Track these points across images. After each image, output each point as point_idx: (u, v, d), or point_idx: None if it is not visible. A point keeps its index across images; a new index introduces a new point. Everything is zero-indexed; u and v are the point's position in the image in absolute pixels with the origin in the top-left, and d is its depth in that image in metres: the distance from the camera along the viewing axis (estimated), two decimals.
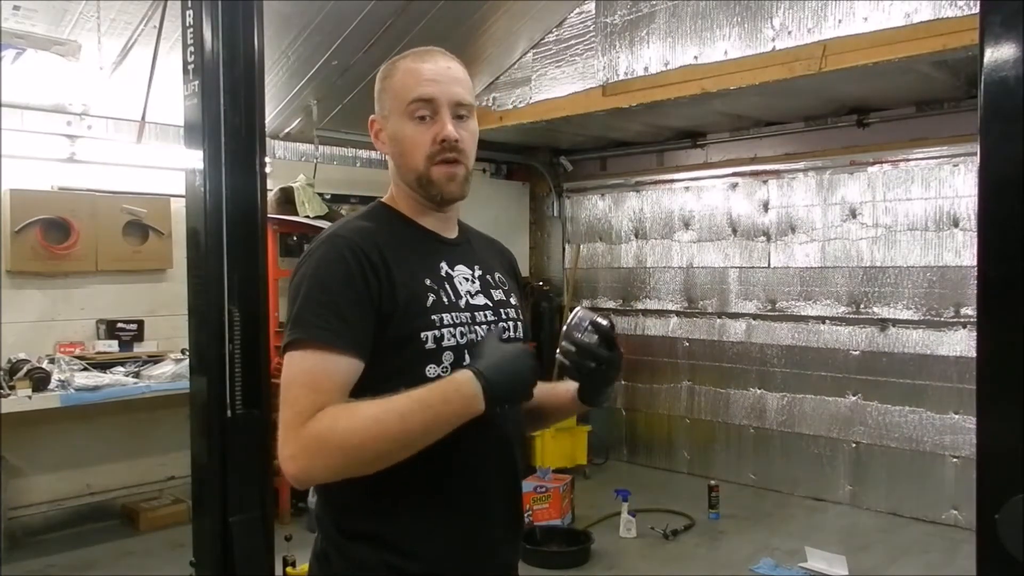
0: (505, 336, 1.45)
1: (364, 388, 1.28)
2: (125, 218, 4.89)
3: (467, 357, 1.36)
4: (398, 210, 1.45)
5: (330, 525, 1.38)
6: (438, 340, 1.34)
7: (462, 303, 1.40)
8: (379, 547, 1.33)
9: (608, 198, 6.68)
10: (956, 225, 4.87)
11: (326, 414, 1.23)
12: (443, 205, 1.44)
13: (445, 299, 1.37)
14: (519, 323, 1.51)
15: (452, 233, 1.48)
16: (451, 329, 1.36)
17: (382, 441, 1.23)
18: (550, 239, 7.13)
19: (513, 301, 1.51)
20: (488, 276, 1.49)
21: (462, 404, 1.25)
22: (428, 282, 1.37)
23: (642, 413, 6.41)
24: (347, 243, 1.32)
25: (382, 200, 1.50)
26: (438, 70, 1.39)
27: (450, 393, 1.25)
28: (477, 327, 1.40)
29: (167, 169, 4.64)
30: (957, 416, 4.84)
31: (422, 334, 1.33)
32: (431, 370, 1.33)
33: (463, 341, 1.37)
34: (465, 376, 1.26)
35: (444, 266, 1.42)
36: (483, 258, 1.52)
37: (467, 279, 1.44)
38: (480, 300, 1.43)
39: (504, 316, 1.47)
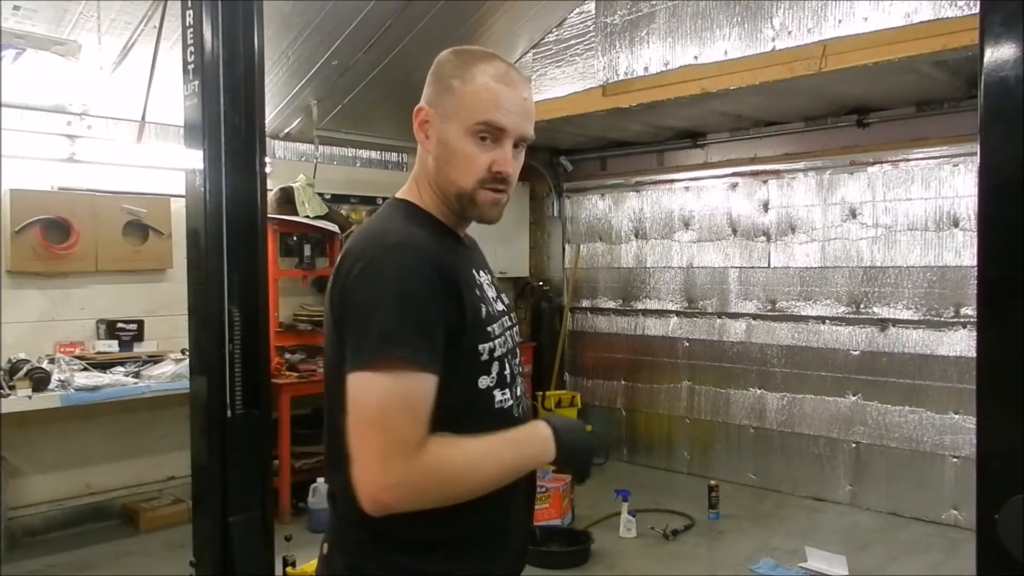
0: (518, 340, 1.49)
1: None
2: (125, 218, 4.89)
3: (506, 366, 1.38)
4: (429, 212, 1.39)
5: (362, 535, 1.32)
6: (491, 352, 1.34)
7: (494, 311, 1.39)
8: (425, 554, 1.31)
9: (608, 198, 6.68)
10: (956, 225, 4.86)
11: (437, 448, 1.21)
12: (468, 224, 1.44)
13: (489, 309, 1.36)
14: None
15: (461, 234, 1.46)
16: (498, 340, 1.36)
17: (483, 480, 1.27)
18: (550, 239, 7.13)
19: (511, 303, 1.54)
20: (493, 279, 1.48)
21: (541, 446, 1.33)
22: (478, 293, 1.35)
23: (642, 413, 6.41)
24: (424, 256, 1.26)
25: (404, 199, 1.42)
26: (517, 101, 1.34)
27: (533, 436, 1.34)
28: (506, 334, 1.40)
29: (167, 169, 4.64)
30: (957, 416, 4.84)
31: (480, 346, 1.32)
32: (483, 381, 1.33)
33: (504, 350, 1.37)
34: (539, 423, 1.36)
35: (475, 273, 1.39)
36: (483, 261, 1.52)
37: (487, 285, 1.42)
38: (499, 306, 1.43)
39: (514, 321, 1.48)
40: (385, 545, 1.31)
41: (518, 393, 1.42)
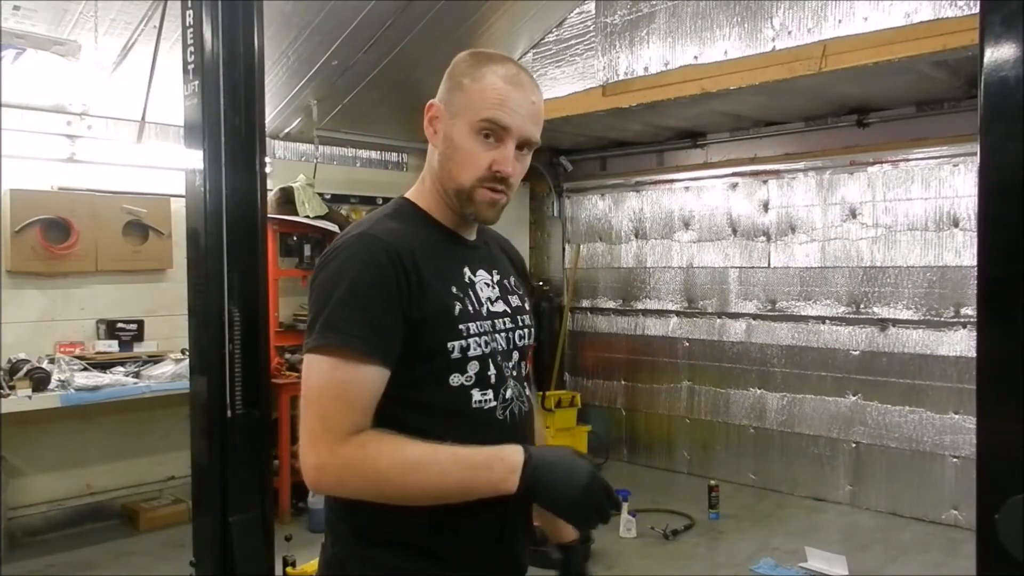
0: (522, 343, 1.46)
1: (388, 395, 1.27)
2: (125, 218, 4.89)
3: (491, 366, 1.36)
4: (424, 209, 1.41)
5: (345, 530, 1.35)
6: (464, 350, 1.33)
7: (484, 311, 1.39)
8: (405, 552, 1.31)
9: (608, 198, 6.67)
10: (956, 225, 4.86)
11: (370, 442, 1.23)
12: (473, 223, 1.44)
13: (470, 307, 1.36)
14: (531, 329, 1.50)
15: (472, 235, 1.46)
16: (476, 339, 1.35)
17: (417, 488, 1.23)
18: (550, 239, 7.13)
19: (527, 306, 1.51)
20: (505, 281, 1.48)
21: (501, 474, 1.22)
22: (455, 290, 1.35)
23: (642, 413, 6.41)
24: (383, 246, 1.28)
25: (406, 196, 1.45)
26: (524, 103, 1.34)
27: (494, 460, 1.23)
28: (497, 335, 1.40)
29: (167, 169, 4.64)
30: (957, 416, 4.84)
31: (449, 344, 1.31)
32: (455, 379, 1.33)
33: (487, 350, 1.36)
34: (514, 449, 1.24)
35: (467, 272, 1.40)
36: (500, 261, 1.51)
37: (487, 285, 1.42)
38: (499, 307, 1.42)
39: (520, 323, 1.47)
40: (367, 541, 1.33)
41: (507, 395, 1.39)
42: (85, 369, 4.45)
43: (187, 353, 3.96)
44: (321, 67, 5.17)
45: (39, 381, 4.13)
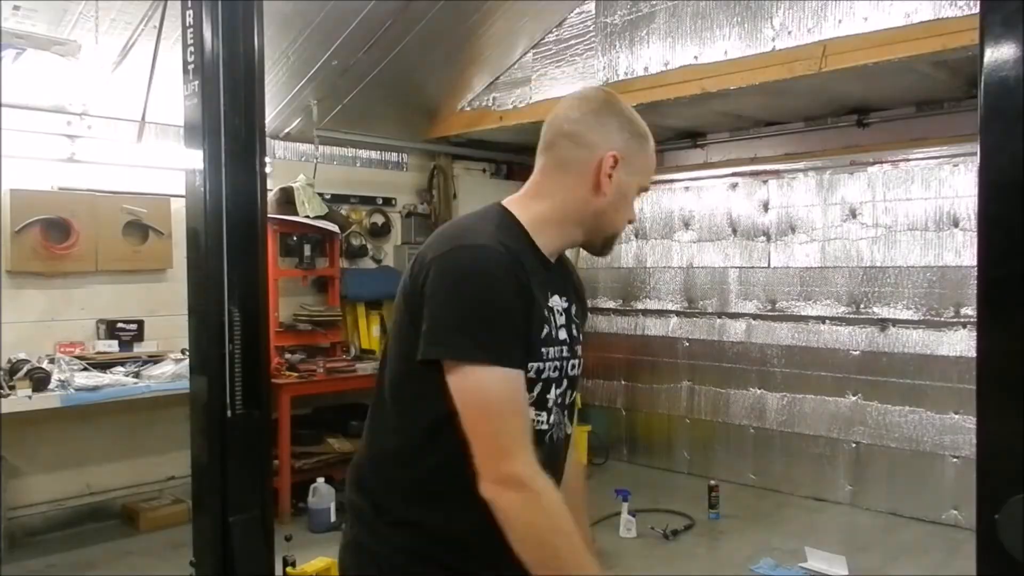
0: (573, 373, 1.49)
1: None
2: (125, 218, 4.89)
3: (550, 390, 1.41)
4: (523, 225, 1.43)
5: (367, 507, 1.40)
6: (539, 372, 1.38)
7: (557, 336, 1.43)
8: (423, 537, 1.36)
9: None
10: (956, 225, 4.86)
11: (562, 509, 1.25)
12: (588, 252, 1.54)
13: (551, 332, 1.40)
14: (582, 360, 1.53)
15: (553, 257, 1.48)
16: (550, 363, 1.40)
17: (555, 562, 1.24)
18: None
19: (580, 337, 1.54)
20: (570, 309, 1.50)
21: None
22: (545, 313, 1.40)
23: (642, 413, 6.41)
24: (510, 261, 1.31)
25: (508, 209, 1.45)
26: None
27: None
28: (562, 362, 1.44)
29: (167, 169, 4.63)
30: (957, 416, 4.84)
31: (530, 364, 1.35)
32: None
33: (553, 375, 1.41)
34: None
35: (550, 295, 1.44)
36: (568, 287, 1.52)
37: (559, 312, 1.45)
38: (563, 335, 1.45)
39: (575, 354, 1.49)
40: (382, 518, 1.37)
41: (551, 421, 1.43)
42: (85, 369, 4.45)
43: (187, 353, 3.96)
44: (321, 67, 5.17)
45: (39, 381, 4.13)
